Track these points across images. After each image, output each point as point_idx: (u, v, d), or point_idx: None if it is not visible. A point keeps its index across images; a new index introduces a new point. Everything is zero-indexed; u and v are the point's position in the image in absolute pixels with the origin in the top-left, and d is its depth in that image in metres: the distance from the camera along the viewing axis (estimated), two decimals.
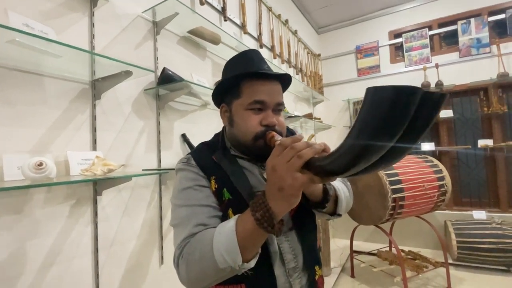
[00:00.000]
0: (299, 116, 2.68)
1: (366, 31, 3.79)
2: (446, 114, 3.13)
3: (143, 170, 1.31)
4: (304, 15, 3.64)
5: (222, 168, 0.68)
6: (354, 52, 3.85)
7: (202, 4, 1.74)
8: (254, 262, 0.55)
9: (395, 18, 3.63)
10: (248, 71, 0.66)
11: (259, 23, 2.44)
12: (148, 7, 1.36)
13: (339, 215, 0.73)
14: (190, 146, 1.55)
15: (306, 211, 0.71)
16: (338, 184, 0.75)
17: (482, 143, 2.95)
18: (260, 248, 0.56)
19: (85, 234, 1.07)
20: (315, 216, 0.75)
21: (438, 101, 0.36)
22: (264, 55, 0.75)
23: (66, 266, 1.00)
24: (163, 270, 1.37)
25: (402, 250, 2.60)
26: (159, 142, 1.42)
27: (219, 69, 1.91)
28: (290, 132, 0.79)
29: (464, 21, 3.16)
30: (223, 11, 1.95)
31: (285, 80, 0.72)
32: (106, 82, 1.14)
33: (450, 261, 2.60)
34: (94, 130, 1.13)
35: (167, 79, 1.35)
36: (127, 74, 1.10)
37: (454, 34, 3.24)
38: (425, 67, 3.30)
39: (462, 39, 3.17)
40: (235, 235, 0.51)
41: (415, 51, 3.44)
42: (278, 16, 2.79)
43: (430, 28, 3.40)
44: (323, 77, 4.00)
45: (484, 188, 3.15)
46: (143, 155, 1.33)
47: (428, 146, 3.11)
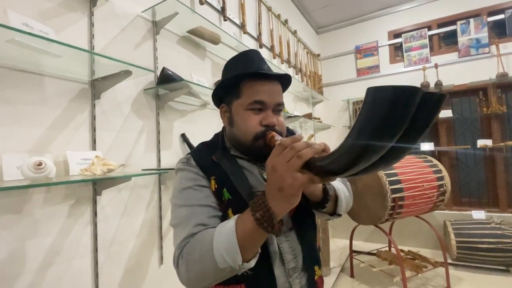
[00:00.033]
0: (298, 116, 2.68)
1: (365, 31, 3.80)
2: (445, 114, 3.14)
3: (143, 170, 1.31)
4: (304, 15, 3.64)
5: (222, 168, 0.68)
6: (354, 52, 3.86)
7: (201, 4, 1.74)
8: (254, 262, 0.55)
9: (394, 18, 3.63)
10: (248, 71, 0.66)
11: (259, 23, 2.44)
12: (148, 7, 1.36)
13: (339, 215, 0.73)
14: (190, 146, 1.55)
15: (306, 211, 0.71)
16: (338, 184, 0.75)
17: (481, 143, 2.95)
18: (260, 248, 0.56)
19: (84, 234, 1.07)
20: (315, 216, 0.75)
21: (438, 101, 0.36)
22: (263, 55, 0.74)
23: (66, 266, 1.00)
24: (162, 270, 1.37)
25: (402, 250, 2.60)
26: (159, 142, 1.42)
27: (219, 69, 1.91)
28: (290, 132, 0.79)
29: (464, 21, 3.17)
30: (222, 11, 1.95)
31: (285, 80, 0.73)
32: (105, 82, 1.14)
33: (450, 261, 2.60)
34: (94, 130, 1.13)
35: (166, 79, 1.35)
36: (127, 73, 1.10)
37: (454, 34, 3.25)
38: (424, 67, 3.30)
39: (462, 39, 3.17)
40: (235, 235, 0.52)
41: (415, 51, 3.45)
42: (278, 16, 2.80)
43: (430, 28, 3.40)
44: (323, 77, 4.00)
45: (483, 188, 3.15)
46: (142, 155, 1.33)
47: (427, 146, 3.12)
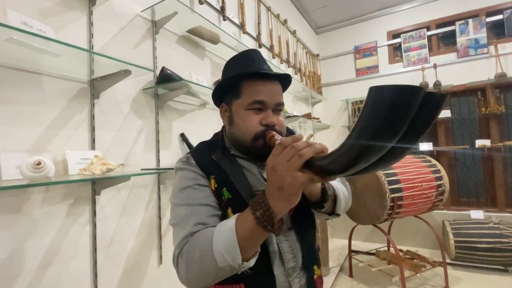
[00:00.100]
0: (297, 116, 2.68)
1: (364, 31, 3.80)
2: (444, 114, 3.14)
3: (142, 169, 1.31)
4: (303, 15, 3.64)
5: (221, 167, 0.68)
6: (353, 52, 3.86)
7: (201, 3, 1.74)
8: (253, 261, 0.55)
9: (393, 19, 3.64)
10: (248, 71, 0.66)
11: (258, 23, 2.44)
12: (147, 6, 1.35)
13: (338, 214, 0.73)
14: (189, 145, 1.55)
15: (305, 210, 0.71)
16: (337, 184, 0.75)
17: (479, 143, 2.96)
18: (260, 248, 0.56)
19: (83, 234, 1.06)
20: (314, 215, 0.75)
21: (439, 102, 0.36)
22: (263, 54, 0.75)
23: (64, 266, 0.99)
24: (161, 270, 1.37)
25: (400, 250, 2.61)
26: (158, 141, 1.41)
27: (218, 68, 1.91)
28: (289, 132, 0.79)
29: (462, 21, 3.18)
30: (222, 11, 1.95)
31: (285, 80, 0.73)
32: (104, 81, 1.13)
33: (448, 260, 2.61)
34: (93, 130, 1.12)
35: (166, 78, 1.35)
36: (126, 73, 1.09)
37: (452, 35, 3.26)
38: (423, 68, 3.31)
39: (460, 40, 3.18)
40: (235, 234, 0.52)
41: (414, 51, 3.45)
42: (277, 16, 2.80)
43: (428, 28, 3.41)
44: (322, 77, 4.00)
45: (481, 188, 3.16)
46: (141, 154, 1.33)
47: (426, 146, 3.12)
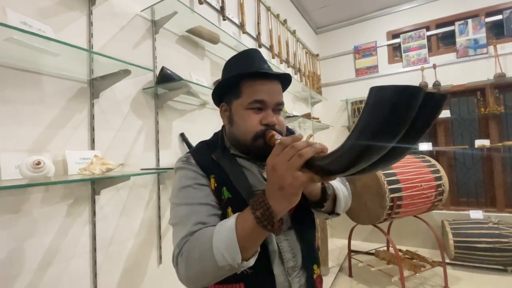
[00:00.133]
0: (297, 116, 2.68)
1: (364, 31, 3.80)
2: (443, 114, 3.15)
3: (142, 169, 1.31)
4: (303, 15, 3.64)
5: (221, 167, 0.68)
6: (352, 52, 3.86)
7: (201, 3, 1.74)
8: (253, 261, 0.55)
9: (393, 19, 3.64)
10: (248, 70, 0.66)
11: (258, 23, 2.44)
12: (147, 6, 1.35)
13: (338, 214, 0.73)
14: (189, 145, 1.55)
15: (305, 210, 0.71)
16: (337, 184, 0.75)
17: (479, 143, 2.97)
18: (259, 247, 0.56)
19: (83, 234, 1.06)
20: (314, 215, 0.75)
21: (439, 102, 0.36)
22: (262, 54, 0.75)
23: (64, 265, 0.99)
24: (161, 270, 1.37)
25: (400, 250, 2.61)
26: (158, 141, 1.41)
27: (218, 68, 1.91)
28: (289, 132, 0.79)
29: (462, 22, 3.18)
30: (221, 11, 1.95)
31: (285, 80, 0.73)
32: (104, 81, 1.13)
33: (447, 260, 2.61)
34: (92, 129, 1.12)
35: (165, 78, 1.35)
36: (126, 73, 1.09)
37: (452, 35, 3.26)
38: (422, 68, 3.31)
39: (460, 40, 3.19)
40: (235, 233, 0.52)
41: (413, 51, 3.46)
42: (277, 16, 2.80)
43: (428, 28, 3.41)
44: (322, 77, 4.00)
45: (481, 188, 3.17)
46: (141, 154, 1.33)
47: (425, 146, 3.13)
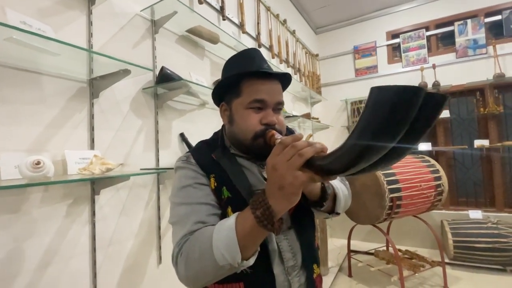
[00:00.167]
0: (297, 116, 2.69)
1: (364, 31, 3.81)
2: (443, 114, 3.15)
3: (141, 169, 1.31)
4: (302, 15, 3.65)
5: (221, 166, 0.68)
6: (352, 52, 3.87)
7: (200, 3, 1.74)
8: (253, 260, 0.55)
9: (392, 19, 3.65)
10: (248, 70, 0.66)
11: (258, 23, 2.44)
12: (147, 6, 1.35)
13: (338, 213, 0.73)
14: (188, 145, 1.55)
15: (305, 210, 0.71)
16: (337, 183, 0.75)
17: (478, 143, 2.97)
18: (259, 247, 0.56)
19: (82, 234, 1.06)
20: (314, 215, 0.75)
21: (440, 102, 0.36)
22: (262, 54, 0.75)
23: (64, 266, 0.99)
24: (161, 270, 1.37)
25: (399, 250, 2.61)
26: (157, 141, 1.41)
27: (218, 68, 1.90)
28: (289, 131, 0.79)
29: (461, 22, 3.18)
30: (221, 10, 1.95)
31: (285, 79, 0.73)
32: (104, 81, 1.13)
33: (447, 260, 2.61)
34: (92, 129, 1.12)
35: (165, 78, 1.35)
36: (125, 72, 1.09)
37: (451, 35, 3.27)
38: (422, 68, 3.31)
39: (459, 40, 3.19)
40: (235, 232, 0.52)
41: (413, 51, 3.46)
42: (277, 16, 2.80)
43: (427, 29, 3.42)
44: (321, 77, 4.00)
45: (480, 188, 3.17)
46: (141, 154, 1.33)
47: (425, 146, 3.13)
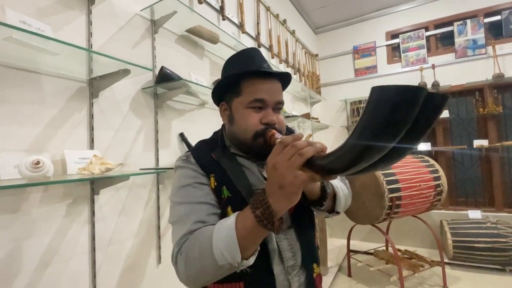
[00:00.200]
0: (296, 116, 2.69)
1: (363, 31, 3.81)
2: (442, 114, 3.13)
3: (141, 169, 1.31)
4: (302, 15, 3.65)
5: (221, 166, 0.68)
6: (352, 52, 3.87)
7: (200, 3, 1.74)
8: (253, 260, 0.55)
9: (392, 19, 3.65)
10: (248, 69, 0.66)
11: (257, 23, 2.44)
12: (146, 6, 1.35)
13: (338, 212, 0.73)
14: (188, 145, 1.55)
15: (304, 209, 0.71)
16: (337, 182, 0.75)
17: (477, 143, 2.98)
18: (259, 246, 0.56)
19: (82, 234, 1.06)
20: (314, 214, 0.75)
21: (441, 102, 0.36)
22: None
23: (63, 265, 0.99)
24: (160, 270, 1.37)
25: (399, 250, 2.61)
26: (157, 141, 1.41)
27: (217, 68, 1.90)
28: (289, 131, 0.79)
29: (460, 22, 3.19)
30: (221, 10, 1.95)
31: (285, 79, 0.73)
32: (103, 81, 1.13)
33: (446, 260, 2.62)
34: (92, 129, 1.12)
35: (165, 78, 1.35)
36: (125, 72, 1.09)
37: (451, 35, 3.27)
38: (421, 68, 3.32)
39: (458, 40, 3.20)
40: (235, 232, 0.52)
41: (412, 51, 3.47)
42: (276, 16, 2.80)
43: (427, 29, 3.42)
44: (321, 77, 4.01)
45: (479, 188, 3.18)
46: (141, 154, 1.33)
47: (424, 146, 3.14)
